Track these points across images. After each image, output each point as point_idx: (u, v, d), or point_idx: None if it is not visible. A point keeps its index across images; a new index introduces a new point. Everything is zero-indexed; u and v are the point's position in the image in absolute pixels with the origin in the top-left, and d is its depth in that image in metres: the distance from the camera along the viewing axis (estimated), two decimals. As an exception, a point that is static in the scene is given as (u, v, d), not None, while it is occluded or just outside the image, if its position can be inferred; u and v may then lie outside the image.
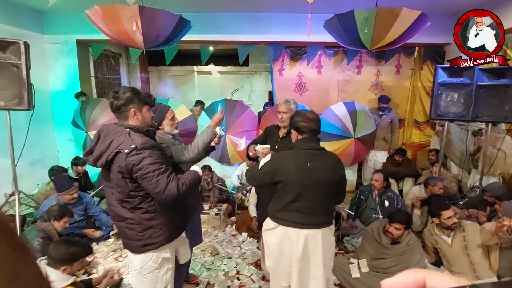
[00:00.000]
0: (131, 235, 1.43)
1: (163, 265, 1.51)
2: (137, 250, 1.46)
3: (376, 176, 3.27)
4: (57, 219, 2.20)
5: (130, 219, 1.41)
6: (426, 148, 4.80)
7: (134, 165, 1.31)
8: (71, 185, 2.80)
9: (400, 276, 0.27)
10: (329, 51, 4.80)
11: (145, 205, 1.40)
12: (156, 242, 1.45)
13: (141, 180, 1.33)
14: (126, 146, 1.31)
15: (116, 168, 1.34)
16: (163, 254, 1.50)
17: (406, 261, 2.17)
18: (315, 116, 1.65)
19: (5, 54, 2.41)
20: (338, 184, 1.65)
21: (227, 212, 3.56)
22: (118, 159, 1.33)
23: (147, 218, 1.42)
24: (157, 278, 1.51)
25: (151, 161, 1.32)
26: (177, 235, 1.58)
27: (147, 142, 1.35)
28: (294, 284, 1.61)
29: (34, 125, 3.05)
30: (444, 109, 3.12)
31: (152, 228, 1.43)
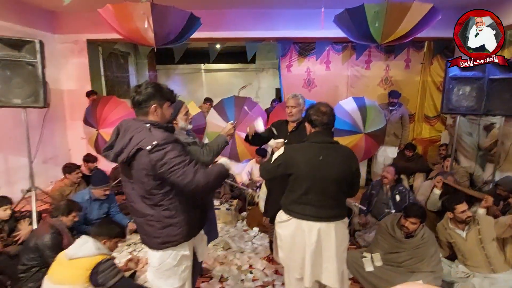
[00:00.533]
0: (150, 231, 1.42)
1: (182, 262, 1.49)
2: (156, 247, 1.44)
3: (388, 168, 3.25)
4: (64, 215, 2.20)
5: (150, 216, 1.40)
6: (437, 143, 4.75)
7: (158, 161, 1.29)
8: (107, 182, 2.89)
9: None
10: (338, 47, 4.77)
11: (166, 202, 1.38)
12: (175, 240, 1.44)
13: (168, 175, 1.30)
14: (147, 142, 1.29)
15: (139, 165, 1.33)
16: (182, 251, 1.48)
17: (421, 254, 2.16)
18: (328, 110, 1.64)
19: (21, 53, 2.47)
20: (351, 178, 1.64)
21: (237, 208, 3.59)
22: (140, 156, 1.31)
23: (167, 216, 1.40)
24: (175, 275, 1.49)
25: (175, 154, 1.31)
26: (196, 232, 1.57)
27: (168, 137, 1.33)
28: (307, 276, 1.61)
29: (47, 124, 3.13)
30: (456, 103, 3.08)
31: (172, 226, 1.41)
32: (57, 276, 1.67)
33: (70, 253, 1.70)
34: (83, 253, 1.71)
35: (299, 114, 2.28)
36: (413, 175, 4.43)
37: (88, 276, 1.65)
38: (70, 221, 2.22)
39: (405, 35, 2.80)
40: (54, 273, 1.69)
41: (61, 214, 2.19)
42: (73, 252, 1.70)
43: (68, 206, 2.23)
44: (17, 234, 2.51)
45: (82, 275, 1.65)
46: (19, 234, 2.51)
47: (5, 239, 2.43)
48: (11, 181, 3.59)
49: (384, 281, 2.18)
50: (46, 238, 1.99)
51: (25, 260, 2.00)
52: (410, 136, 4.85)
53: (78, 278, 1.64)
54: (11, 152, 3.69)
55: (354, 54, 4.72)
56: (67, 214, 2.20)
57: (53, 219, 2.16)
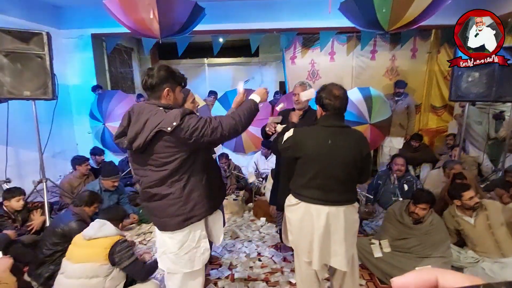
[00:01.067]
0: (172, 211, 1.41)
1: (200, 243, 1.50)
2: (178, 226, 1.43)
3: (399, 160, 3.22)
4: (87, 205, 2.28)
5: (171, 194, 1.40)
6: (444, 134, 4.71)
7: (185, 133, 1.30)
8: (116, 173, 2.94)
9: (410, 275, 0.27)
10: (342, 37, 4.72)
11: (185, 177, 1.40)
12: (199, 214, 1.45)
13: (201, 139, 1.32)
14: (167, 123, 1.29)
15: (162, 146, 1.33)
16: (199, 231, 1.50)
17: (430, 240, 2.16)
18: (341, 93, 1.59)
19: (29, 46, 2.49)
20: (361, 162, 1.61)
21: (244, 199, 3.61)
22: (161, 138, 1.31)
23: (188, 191, 1.41)
24: (195, 257, 1.49)
25: (196, 120, 1.32)
26: (217, 205, 1.59)
27: (183, 111, 1.33)
28: (315, 259, 1.60)
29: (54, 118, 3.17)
30: (465, 90, 3.04)
31: (193, 201, 1.43)
32: (77, 255, 1.72)
33: (90, 234, 1.76)
34: (103, 233, 1.78)
35: (306, 102, 2.27)
36: (419, 166, 4.41)
37: (107, 254, 1.71)
38: (92, 211, 2.29)
39: (413, 21, 2.77)
40: (73, 253, 1.75)
41: (84, 204, 2.25)
42: (92, 233, 1.76)
43: (91, 197, 2.30)
44: (30, 224, 2.57)
45: (102, 253, 1.71)
46: (32, 223, 2.57)
47: (19, 229, 2.48)
48: (22, 174, 3.64)
49: (393, 267, 2.19)
50: (74, 225, 2.07)
51: (49, 245, 2.08)
52: (416, 127, 4.82)
53: (98, 256, 1.70)
54: (21, 146, 3.74)
55: (359, 44, 4.66)
56: (90, 204, 2.27)
57: (77, 208, 2.23)
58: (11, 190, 2.54)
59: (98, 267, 1.69)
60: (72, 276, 1.65)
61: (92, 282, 1.66)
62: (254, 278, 2.27)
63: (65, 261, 1.74)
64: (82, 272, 1.66)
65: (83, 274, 1.65)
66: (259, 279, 2.26)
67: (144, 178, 1.42)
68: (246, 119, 1.44)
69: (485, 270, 2.08)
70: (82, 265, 1.67)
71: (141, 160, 1.40)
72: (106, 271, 1.71)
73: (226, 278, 2.27)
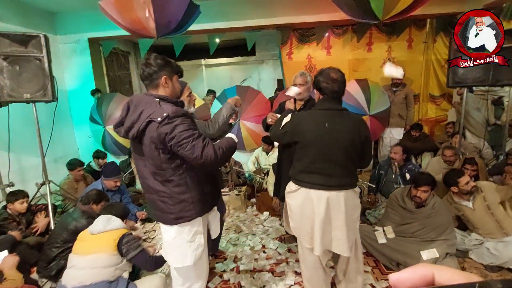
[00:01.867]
0: (164, 208, 1.43)
1: (195, 238, 1.50)
2: (171, 222, 1.45)
3: (395, 148, 3.24)
4: (95, 203, 2.30)
5: (162, 192, 1.41)
6: (443, 123, 4.72)
7: (167, 134, 1.29)
8: (118, 173, 2.96)
9: (407, 271, 0.27)
10: (338, 31, 4.74)
11: (176, 178, 1.39)
12: (188, 216, 1.44)
13: (177, 148, 1.30)
14: (158, 114, 1.29)
15: (148, 139, 1.33)
16: (196, 226, 1.49)
17: (433, 223, 2.16)
18: (339, 76, 1.58)
19: (28, 49, 2.51)
20: (360, 145, 1.60)
21: (247, 194, 3.61)
22: (150, 129, 1.32)
23: (178, 192, 1.41)
24: (187, 251, 1.48)
25: (184, 128, 1.30)
26: (209, 209, 1.58)
27: (177, 111, 1.33)
28: (317, 245, 1.59)
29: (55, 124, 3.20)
30: (462, 76, 3.05)
31: (184, 202, 1.42)
32: (85, 249, 1.75)
33: (97, 229, 1.79)
34: (111, 226, 1.82)
35: (306, 93, 2.26)
36: (421, 155, 4.42)
37: (116, 245, 1.75)
38: (99, 209, 2.30)
39: (407, 8, 2.78)
40: (80, 248, 1.77)
41: (92, 202, 2.28)
42: (100, 228, 1.79)
43: (99, 196, 2.34)
44: (35, 226, 2.58)
45: (111, 244, 1.74)
46: (36, 225, 2.58)
47: (24, 231, 2.50)
48: (25, 179, 3.67)
49: (397, 252, 2.19)
50: (85, 222, 2.10)
51: (60, 242, 2.12)
52: (415, 117, 4.82)
53: (107, 246, 1.73)
54: (23, 152, 3.77)
55: (355, 37, 4.68)
56: (97, 202, 2.30)
57: (86, 206, 2.25)
58: (15, 193, 2.55)
59: (108, 257, 1.72)
60: (83, 267, 1.68)
61: (102, 272, 1.69)
62: (259, 269, 2.28)
63: (73, 255, 1.75)
64: (94, 263, 1.69)
65: (95, 264, 1.69)
66: (265, 270, 2.27)
67: (142, 168, 1.45)
68: (225, 156, 1.41)
69: (489, 250, 2.09)
70: (94, 255, 1.70)
71: (139, 149, 1.42)
72: (116, 261, 1.75)
73: (231, 270, 2.28)
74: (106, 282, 1.68)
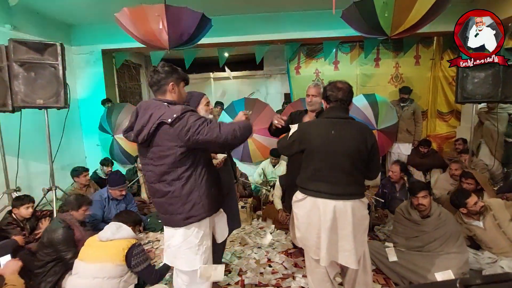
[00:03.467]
0: (172, 209, 1.44)
1: (203, 241, 1.50)
2: (180, 224, 1.45)
3: (393, 167, 3.24)
4: (75, 209, 2.21)
5: (170, 193, 1.42)
6: (452, 139, 4.66)
7: (183, 127, 1.33)
8: (123, 182, 2.95)
9: None
10: (346, 46, 4.82)
11: (186, 175, 1.41)
12: (198, 215, 1.45)
13: (196, 136, 1.33)
14: (168, 116, 1.33)
15: (162, 140, 1.36)
16: (203, 228, 1.50)
17: (443, 234, 2.10)
18: (345, 86, 1.62)
19: (44, 56, 2.59)
20: (367, 153, 1.58)
21: (252, 206, 3.56)
22: (162, 130, 1.35)
23: (187, 191, 1.42)
24: (196, 254, 1.48)
25: (196, 117, 1.35)
26: (216, 208, 1.59)
27: (185, 108, 1.37)
28: (323, 255, 1.55)
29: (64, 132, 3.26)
30: (471, 92, 3.03)
31: (192, 201, 1.43)
32: (92, 256, 1.71)
33: (107, 236, 1.76)
34: (121, 235, 1.78)
35: (318, 104, 2.26)
36: (429, 171, 4.34)
37: (124, 255, 1.71)
38: (81, 215, 2.23)
39: (414, 25, 2.81)
40: (88, 254, 1.74)
41: (71, 208, 2.21)
42: (110, 235, 1.76)
43: (78, 200, 2.24)
44: (39, 232, 2.56)
45: (119, 254, 1.70)
46: (40, 232, 2.56)
47: (27, 237, 2.47)
48: (32, 185, 3.68)
49: (409, 271, 2.11)
50: (58, 233, 2.00)
51: (40, 256, 2.02)
52: (424, 133, 4.78)
53: (114, 256, 1.69)
54: (32, 158, 3.81)
55: (362, 53, 4.75)
56: (77, 208, 2.22)
57: (63, 214, 2.19)
58: (21, 197, 2.56)
59: (114, 268, 1.67)
60: (86, 276, 1.64)
61: (107, 282, 1.64)
62: (265, 283, 2.20)
63: (78, 261, 1.72)
64: (97, 272, 1.64)
65: (99, 274, 1.64)
66: (270, 284, 2.19)
67: (148, 173, 1.47)
68: (241, 132, 1.43)
69: (504, 268, 2.00)
70: (98, 265, 1.66)
71: (146, 153, 1.44)
72: (121, 272, 1.70)
73: (236, 284, 2.21)
74: None
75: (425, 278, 2.01)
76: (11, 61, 2.51)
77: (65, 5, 3.86)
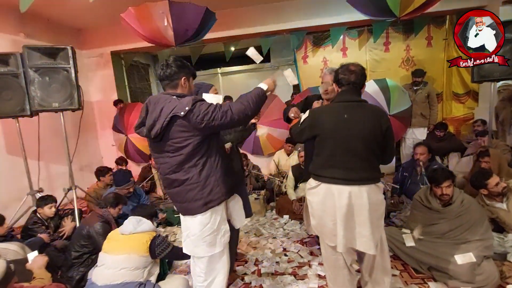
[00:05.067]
0: (191, 196, 1.47)
1: (220, 226, 1.55)
2: (199, 210, 1.48)
3: (420, 149, 3.10)
4: (112, 206, 2.36)
5: (188, 180, 1.45)
6: (470, 121, 4.49)
7: (196, 117, 1.36)
8: (128, 181, 3.02)
9: None
10: (353, 32, 4.70)
11: (202, 161, 1.45)
12: (217, 198, 1.49)
13: (212, 123, 1.37)
14: (180, 109, 1.36)
15: (176, 131, 1.39)
16: (219, 215, 1.54)
17: (465, 223, 2.01)
18: (357, 68, 1.57)
19: (56, 61, 2.67)
20: (381, 137, 1.53)
21: (265, 198, 3.58)
22: (176, 122, 1.38)
23: (204, 176, 1.46)
24: (216, 240, 1.53)
25: (206, 106, 1.39)
26: (232, 192, 1.63)
27: (194, 98, 1.40)
28: (340, 242, 1.53)
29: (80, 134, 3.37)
30: (488, 69, 2.92)
31: (210, 185, 1.47)
32: (117, 248, 1.78)
33: (129, 229, 1.83)
34: (142, 228, 1.85)
35: (334, 93, 2.20)
36: (447, 155, 4.21)
37: (148, 248, 1.78)
38: (116, 212, 2.37)
39: (425, 3, 2.71)
40: (112, 247, 1.81)
41: (109, 205, 2.34)
42: (132, 228, 1.83)
43: (116, 199, 2.39)
44: (62, 229, 2.67)
45: (143, 246, 1.77)
46: (63, 229, 2.67)
47: (52, 235, 2.59)
48: (53, 186, 3.83)
49: (428, 255, 2.06)
50: (98, 226, 2.15)
51: (77, 247, 2.16)
52: (439, 116, 4.63)
53: (138, 248, 1.76)
54: (51, 160, 3.96)
55: (371, 37, 4.61)
56: (115, 206, 2.35)
57: (102, 210, 2.31)
58: (44, 197, 2.67)
59: (139, 259, 1.75)
60: (113, 267, 1.72)
61: (133, 273, 1.72)
62: (281, 272, 2.22)
63: (103, 254, 1.80)
64: (124, 263, 1.72)
65: (125, 264, 1.71)
66: (287, 273, 2.21)
67: (163, 165, 1.50)
68: (254, 104, 1.46)
69: None
70: (124, 256, 1.73)
71: (159, 148, 1.47)
72: (145, 263, 1.78)
73: (252, 273, 2.24)
74: (136, 283, 1.71)
75: (445, 262, 1.96)
76: (27, 67, 2.61)
77: (73, 10, 3.95)
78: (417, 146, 3.20)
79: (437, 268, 2.01)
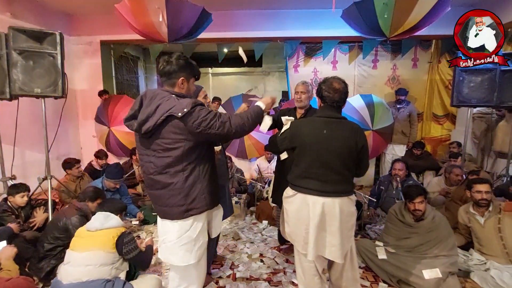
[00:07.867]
0: (173, 201, 1.41)
1: (199, 237, 1.49)
2: (179, 216, 1.42)
3: (399, 165, 3.24)
4: (91, 200, 2.29)
5: (173, 184, 1.39)
6: (446, 142, 4.72)
7: (193, 122, 1.32)
8: (120, 177, 3.00)
9: None
10: (345, 46, 4.84)
11: (190, 166, 1.40)
12: (199, 207, 1.44)
13: (208, 130, 1.34)
14: (178, 109, 1.30)
15: (168, 131, 1.34)
16: (200, 223, 1.49)
17: (434, 238, 2.13)
18: (341, 87, 1.62)
19: (43, 45, 2.57)
20: (357, 153, 1.61)
21: (246, 202, 3.59)
22: (170, 123, 1.33)
23: (190, 183, 1.41)
24: (192, 250, 1.47)
25: (206, 111, 1.35)
26: (216, 203, 1.59)
27: (195, 101, 1.36)
28: (310, 249, 1.58)
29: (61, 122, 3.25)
30: (466, 95, 3.08)
31: (195, 193, 1.42)
32: (82, 245, 1.72)
33: (95, 226, 1.77)
34: (110, 224, 1.80)
35: (307, 101, 2.31)
36: (422, 173, 4.40)
37: (114, 243, 1.73)
38: (94, 207, 2.28)
39: (413, 27, 2.85)
40: (78, 244, 1.75)
41: (88, 199, 2.27)
42: (98, 225, 1.77)
43: (95, 193, 2.33)
44: (33, 220, 2.57)
45: (109, 242, 1.72)
46: (34, 220, 2.57)
47: (22, 225, 2.48)
48: (27, 174, 3.67)
49: (399, 269, 2.15)
50: (75, 219, 2.10)
51: (51, 239, 2.10)
52: (418, 135, 4.84)
53: (105, 244, 1.71)
54: (27, 147, 3.80)
55: (360, 53, 4.77)
56: (93, 200, 2.29)
57: (80, 203, 2.25)
58: (16, 185, 2.55)
59: (105, 255, 1.69)
60: (79, 264, 1.66)
61: (99, 270, 1.67)
62: (256, 278, 2.24)
63: (70, 251, 1.73)
64: (90, 260, 1.66)
65: (91, 261, 1.66)
66: (261, 278, 2.23)
67: (147, 164, 1.43)
68: (252, 120, 1.48)
69: (495, 279, 2.02)
70: (90, 253, 1.68)
71: (146, 144, 1.41)
72: (112, 260, 1.72)
73: (227, 277, 2.24)
74: (102, 281, 1.66)
75: (414, 276, 2.06)
76: (10, 49, 2.49)
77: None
78: (396, 162, 3.34)
79: (406, 281, 2.10)
